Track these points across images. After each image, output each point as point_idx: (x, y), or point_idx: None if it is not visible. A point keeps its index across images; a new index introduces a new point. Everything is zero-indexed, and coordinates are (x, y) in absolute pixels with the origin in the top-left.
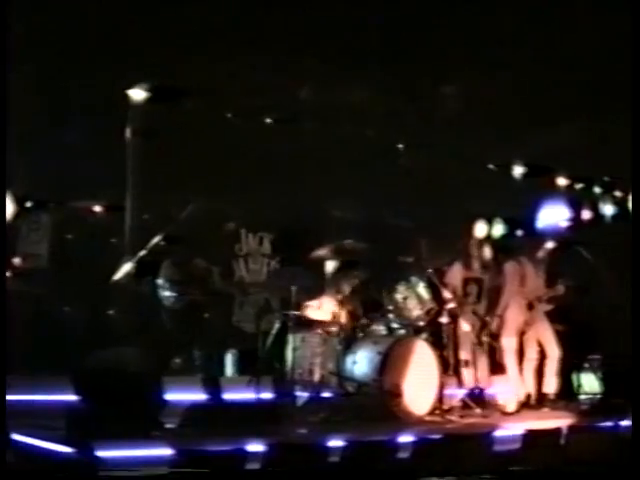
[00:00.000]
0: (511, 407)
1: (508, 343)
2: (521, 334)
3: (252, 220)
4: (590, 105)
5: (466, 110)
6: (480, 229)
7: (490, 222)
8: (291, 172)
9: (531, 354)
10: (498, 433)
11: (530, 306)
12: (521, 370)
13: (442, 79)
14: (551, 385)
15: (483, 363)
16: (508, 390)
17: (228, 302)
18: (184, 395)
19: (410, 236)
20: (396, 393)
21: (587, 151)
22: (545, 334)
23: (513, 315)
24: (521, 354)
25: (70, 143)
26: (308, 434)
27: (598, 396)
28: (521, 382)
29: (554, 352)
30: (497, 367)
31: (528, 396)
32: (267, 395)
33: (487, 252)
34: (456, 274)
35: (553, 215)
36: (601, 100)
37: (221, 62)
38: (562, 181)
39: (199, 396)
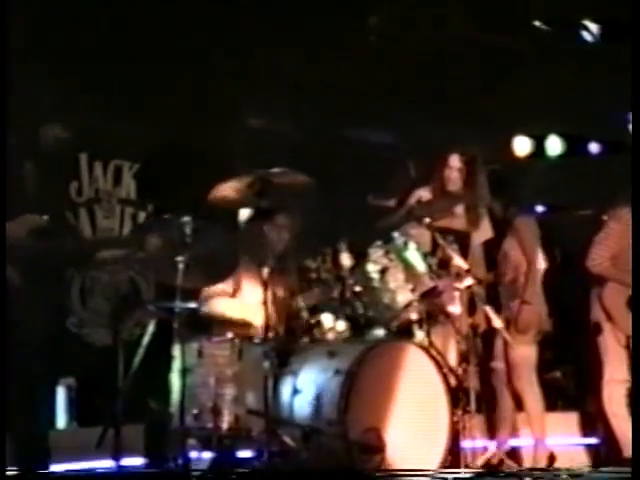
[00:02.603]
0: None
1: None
2: None
3: (102, 141)
4: None
5: None
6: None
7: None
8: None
9: None
10: None
11: None
12: None
13: None
14: None
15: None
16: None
17: (56, 288)
18: None
19: (388, 158)
20: (373, 446)
21: None
22: None
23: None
24: None
25: None
26: None
27: None
28: None
29: None
30: None
31: None
32: (134, 461)
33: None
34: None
35: None
36: None
37: None
38: None
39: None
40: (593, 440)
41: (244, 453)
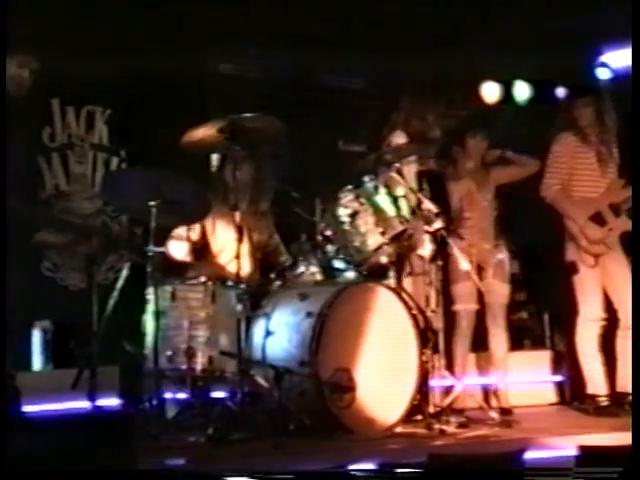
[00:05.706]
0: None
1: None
2: None
3: (74, 86)
4: None
5: None
6: (490, 89)
7: (506, 83)
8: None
9: None
10: (531, 455)
11: None
12: None
13: None
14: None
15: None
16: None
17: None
18: None
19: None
20: (343, 386)
21: None
22: None
23: None
24: None
25: None
26: (187, 467)
27: None
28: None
29: None
30: None
31: None
32: (109, 402)
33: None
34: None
35: None
36: None
37: None
38: None
39: None
40: (559, 378)
41: (218, 394)
